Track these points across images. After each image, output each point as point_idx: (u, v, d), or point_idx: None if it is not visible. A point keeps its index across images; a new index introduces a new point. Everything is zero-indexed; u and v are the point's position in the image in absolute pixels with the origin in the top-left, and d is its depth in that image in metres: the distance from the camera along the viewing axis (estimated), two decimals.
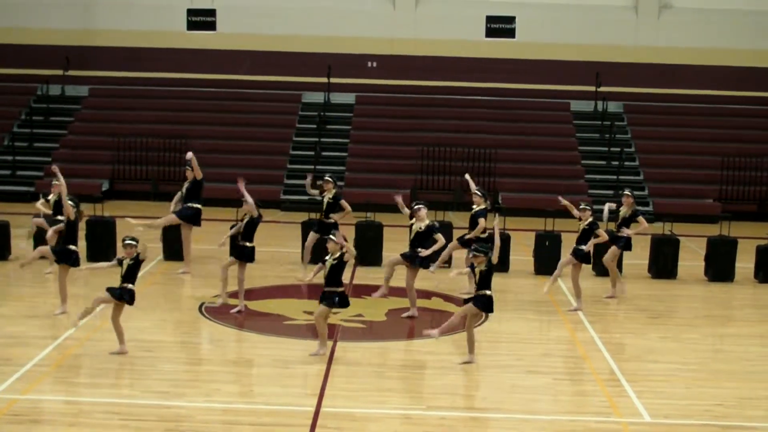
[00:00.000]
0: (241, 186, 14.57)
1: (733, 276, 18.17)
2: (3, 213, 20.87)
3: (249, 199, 14.51)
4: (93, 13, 30.88)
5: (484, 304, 12.35)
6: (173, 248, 18.23)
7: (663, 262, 18.26)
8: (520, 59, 30.46)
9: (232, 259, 14.80)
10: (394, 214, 17.07)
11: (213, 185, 26.88)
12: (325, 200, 17.25)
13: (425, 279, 17.33)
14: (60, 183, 14.08)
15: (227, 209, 19.90)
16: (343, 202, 17.17)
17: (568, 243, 18.65)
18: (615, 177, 27.56)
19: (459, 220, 22.47)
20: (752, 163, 27.33)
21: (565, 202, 16.32)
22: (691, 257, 19.55)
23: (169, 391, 11.37)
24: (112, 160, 27.42)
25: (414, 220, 14.69)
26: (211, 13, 29.21)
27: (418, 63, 30.57)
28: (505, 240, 17.86)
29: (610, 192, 26.70)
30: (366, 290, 15.70)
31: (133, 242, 12.34)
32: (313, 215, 19.05)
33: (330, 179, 17.34)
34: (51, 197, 16.96)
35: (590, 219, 15.33)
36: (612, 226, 16.89)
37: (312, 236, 17.50)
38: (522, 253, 19.30)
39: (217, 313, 14.81)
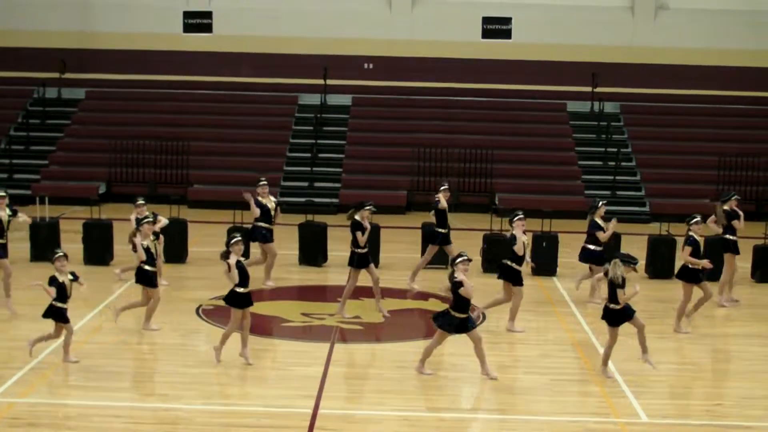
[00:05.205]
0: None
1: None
2: None
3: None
4: (89, 16, 30.84)
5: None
6: (171, 250, 18.18)
7: (660, 262, 18.27)
8: (517, 60, 30.46)
9: None
10: (392, 216, 17.10)
11: (210, 188, 26.94)
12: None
13: (422, 280, 17.35)
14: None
15: (224, 211, 19.87)
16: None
17: (566, 243, 18.72)
18: (612, 178, 27.57)
19: (457, 222, 22.49)
20: (749, 162, 27.34)
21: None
22: None
23: (167, 393, 11.37)
24: (109, 162, 27.39)
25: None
26: (208, 15, 29.20)
27: (415, 64, 30.57)
28: (502, 241, 17.82)
29: (607, 192, 26.73)
30: (364, 291, 15.64)
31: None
32: (310, 217, 19.03)
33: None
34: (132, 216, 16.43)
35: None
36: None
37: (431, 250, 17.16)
38: None
39: (214, 315, 14.81)
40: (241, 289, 12.21)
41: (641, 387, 11.90)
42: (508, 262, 14.24)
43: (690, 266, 14.51)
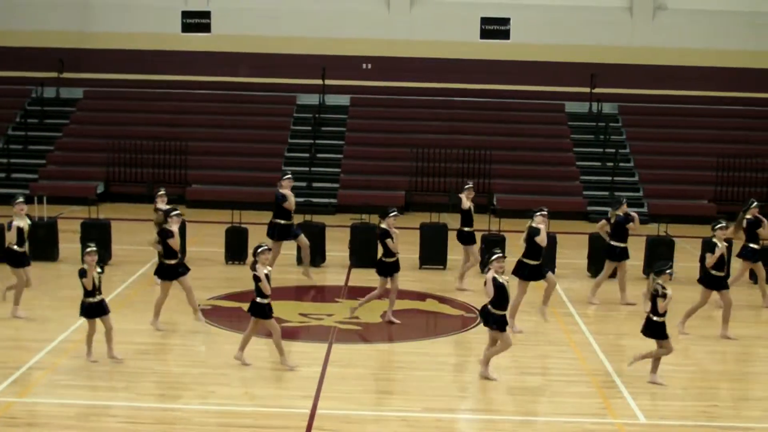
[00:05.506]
0: None
1: (728, 277, 18.11)
2: None
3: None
4: (88, 16, 30.82)
5: None
6: None
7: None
8: (515, 61, 30.46)
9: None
10: None
11: (208, 187, 26.94)
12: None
13: (420, 281, 17.36)
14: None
15: (223, 211, 19.87)
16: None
17: (564, 244, 18.72)
18: (610, 178, 27.57)
19: (455, 222, 22.48)
20: (747, 163, 27.35)
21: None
22: (686, 258, 19.56)
23: (165, 393, 11.37)
24: (107, 162, 27.37)
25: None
26: (206, 15, 29.18)
27: (413, 65, 30.56)
28: (500, 242, 17.86)
29: (605, 193, 26.73)
30: (361, 292, 15.65)
31: None
32: (308, 217, 19.02)
33: None
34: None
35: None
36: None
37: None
38: (517, 255, 19.24)
39: (212, 315, 14.80)
40: (263, 300, 12.21)
41: (639, 388, 11.90)
42: (525, 260, 14.26)
43: (712, 273, 14.45)
